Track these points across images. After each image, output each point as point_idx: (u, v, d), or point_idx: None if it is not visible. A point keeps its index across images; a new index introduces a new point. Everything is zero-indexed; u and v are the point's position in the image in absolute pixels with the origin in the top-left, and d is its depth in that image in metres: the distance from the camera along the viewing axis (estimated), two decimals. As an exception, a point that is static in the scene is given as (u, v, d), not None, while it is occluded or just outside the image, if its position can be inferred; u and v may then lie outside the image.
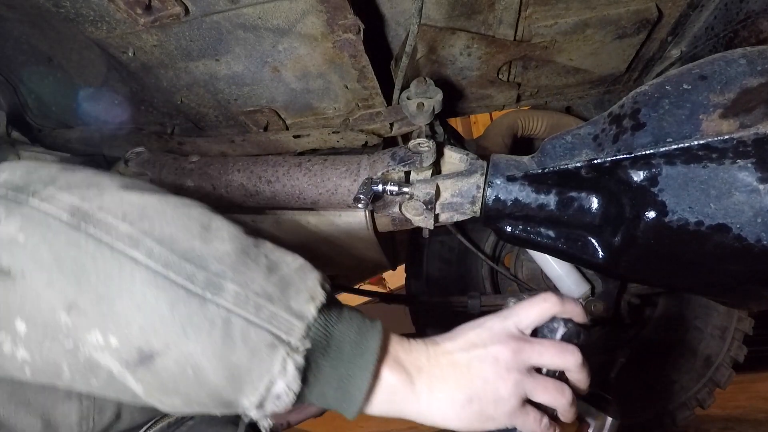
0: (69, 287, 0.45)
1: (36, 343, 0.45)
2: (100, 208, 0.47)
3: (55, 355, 0.45)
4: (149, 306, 0.45)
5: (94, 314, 0.45)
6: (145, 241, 0.46)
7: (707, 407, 1.33)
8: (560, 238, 0.87)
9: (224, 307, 0.46)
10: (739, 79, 0.68)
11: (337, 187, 0.94)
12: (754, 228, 0.66)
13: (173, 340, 0.45)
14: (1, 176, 0.50)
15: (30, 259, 0.45)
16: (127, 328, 0.45)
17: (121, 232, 0.46)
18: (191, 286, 0.45)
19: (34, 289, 0.45)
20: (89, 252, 0.45)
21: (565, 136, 0.83)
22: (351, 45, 0.86)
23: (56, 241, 0.45)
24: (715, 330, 1.33)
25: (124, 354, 0.45)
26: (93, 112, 1.13)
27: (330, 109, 1.06)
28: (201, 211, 0.52)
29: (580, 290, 1.24)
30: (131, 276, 0.45)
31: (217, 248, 0.49)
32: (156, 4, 0.75)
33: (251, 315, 0.46)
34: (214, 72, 0.93)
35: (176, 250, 0.47)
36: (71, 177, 0.51)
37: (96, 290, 0.45)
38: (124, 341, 0.45)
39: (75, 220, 0.46)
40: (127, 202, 0.49)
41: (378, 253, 1.11)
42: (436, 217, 0.93)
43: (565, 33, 0.95)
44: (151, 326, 0.44)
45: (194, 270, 0.46)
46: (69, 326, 0.45)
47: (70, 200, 0.47)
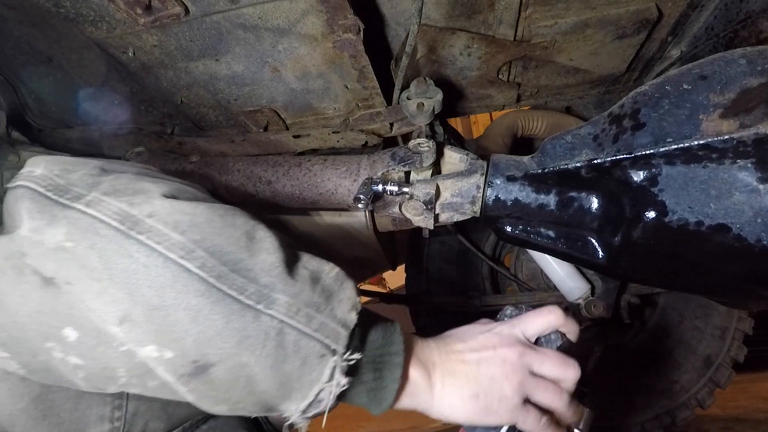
0: (121, 298, 0.43)
1: (89, 349, 0.45)
2: (150, 216, 0.46)
3: (109, 359, 0.45)
4: (204, 319, 0.44)
5: (148, 327, 0.44)
6: (198, 252, 0.46)
7: (707, 407, 1.33)
8: (560, 238, 0.87)
9: (278, 318, 0.47)
10: (739, 79, 0.68)
11: (337, 187, 0.94)
12: (754, 228, 0.66)
13: (228, 352, 0.45)
14: (36, 170, 0.48)
15: (78, 268, 0.44)
16: (182, 341, 0.44)
17: (174, 242, 0.45)
18: (244, 299, 0.46)
19: (83, 299, 0.43)
20: (141, 261, 0.44)
21: (565, 136, 0.83)
22: (351, 45, 0.86)
23: (107, 248, 0.44)
24: (715, 330, 1.33)
25: (178, 367, 0.45)
26: (93, 112, 1.13)
27: (330, 109, 1.06)
28: (245, 220, 0.52)
29: (580, 290, 1.24)
30: (186, 287, 0.44)
31: (264, 260, 0.49)
32: (156, 4, 0.75)
33: (303, 325, 0.47)
34: (214, 72, 0.93)
35: (227, 262, 0.47)
36: (115, 181, 0.49)
37: (150, 301, 0.44)
38: (180, 354, 0.44)
39: (125, 227, 0.45)
40: (177, 210, 0.48)
41: (378, 253, 1.11)
42: (436, 217, 0.93)
43: (565, 33, 0.95)
44: (206, 339, 0.44)
45: (245, 282, 0.47)
46: (122, 338, 0.44)
47: (119, 206, 0.46)
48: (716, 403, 1.34)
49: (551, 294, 1.34)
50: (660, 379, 1.34)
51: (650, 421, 1.32)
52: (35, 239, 0.44)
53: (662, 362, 1.35)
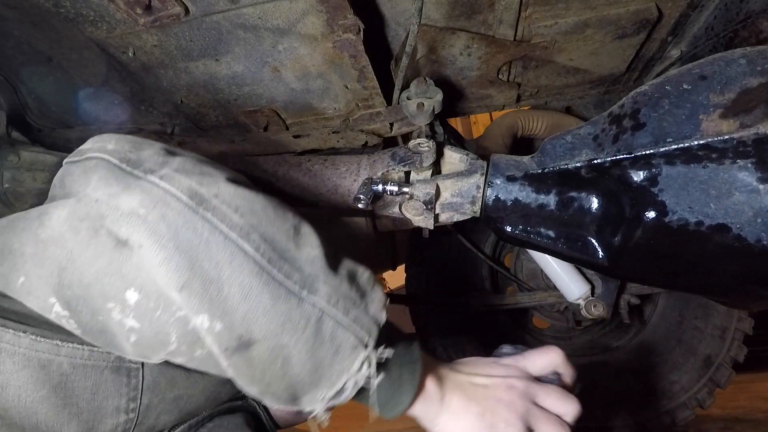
0: (184, 267, 0.46)
1: (146, 312, 0.47)
2: (215, 196, 0.49)
3: (164, 324, 0.47)
4: (254, 297, 0.47)
5: (203, 297, 0.46)
6: (254, 236, 0.49)
7: (707, 407, 1.33)
8: (560, 238, 0.87)
9: (318, 307, 0.50)
10: (739, 79, 0.68)
11: (337, 187, 0.94)
12: (754, 228, 0.66)
13: (272, 332, 0.48)
14: (108, 145, 0.52)
15: (149, 234, 0.46)
16: (233, 315, 0.47)
17: (234, 223, 0.48)
18: (290, 284, 0.49)
19: (150, 263, 0.46)
20: (204, 236, 0.47)
21: (565, 136, 0.83)
22: (351, 45, 0.86)
23: (175, 220, 0.47)
24: (715, 330, 1.33)
25: (225, 340, 0.47)
26: (93, 112, 1.13)
27: (330, 109, 1.06)
28: (293, 215, 0.55)
29: (580, 290, 1.24)
30: (241, 266, 0.47)
31: (308, 252, 0.52)
32: (156, 4, 0.75)
33: (341, 316, 0.51)
34: (214, 72, 0.93)
35: (277, 249, 0.50)
36: (183, 162, 0.52)
37: (208, 274, 0.47)
38: (228, 327, 0.47)
39: (193, 202, 0.48)
40: (239, 195, 0.51)
41: (378, 253, 1.11)
42: (436, 217, 0.93)
43: (565, 33, 0.95)
44: (253, 316, 0.47)
45: (291, 270, 0.50)
46: (179, 304, 0.46)
47: (189, 183, 0.49)
48: (716, 403, 1.34)
49: (551, 294, 1.34)
50: (660, 379, 1.34)
51: (650, 421, 1.32)
52: (112, 203, 0.47)
53: (662, 362, 1.35)
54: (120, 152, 0.51)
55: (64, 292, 0.47)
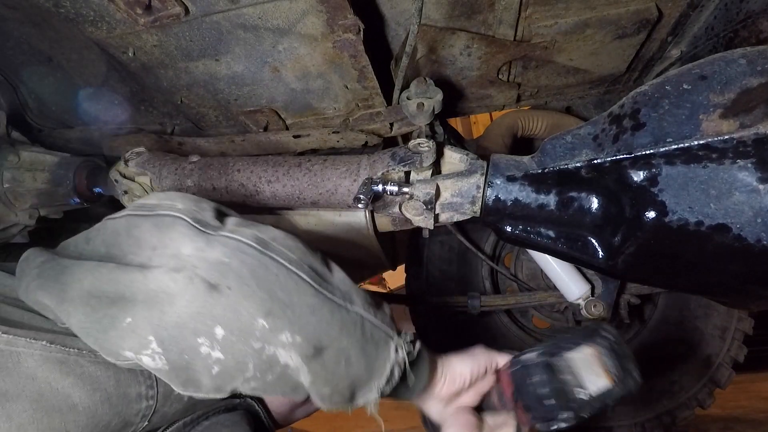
0: (265, 298, 0.57)
1: (230, 345, 0.56)
2: (273, 239, 0.62)
3: (244, 355, 0.57)
4: (319, 312, 0.59)
5: (284, 318, 0.57)
6: (305, 266, 0.62)
7: (707, 407, 1.33)
8: (560, 238, 0.87)
9: (359, 314, 0.63)
10: (739, 79, 0.68)
11: (337, 187, 0.94)
12: (754, 228, 0.66)
13: (335, 338, 0.60)
14: (178, 204, 0.63)
15: (235, 276, 0.57)
16: (307, 329, 0.58)
17: (291, 258, 0.61)
18: (336, 299, 0.62)
19: (236, 301, 0.56)
20: (274, 272, 0.59)
21: (565, 136, 0.83)
22: (351, 45, 0.86)
23: (252, 262, 0.58)
24: (715, 330, 1.33)
25: (305, 349, 0.58)
26: (93, 112, 1.13)
27: (330, 109, 1.05)
28: (317, 250, 0.68)
29: (580, 290, 1.24)
30: (304, 291, 0.60)
31: (338, 275, 0.66)
32: (156, 4, 0.75)
33: (373, 318, 0.64)
34: (214, 72, 0.93)
35: (320, 274, 0.63)
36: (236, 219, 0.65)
37: (282, 300, 0.58)
38: (306, 338, 0.58)
39: (261, 246, 0.60)
40: (286, 237, 0.64)
41: (378, 253, 1.11)
42: (436, 217, 0.93)
43: (565, 33, 0.95)
44: (321, 327, 0.59)
45: (333, 288, 0.63)
46: (265, 328, 0.57)
47: (252, 232, 0.61)
48: (716, 403, 1.34)
49: (551, 294, 1.34)
50: (660, 379, 1.34)
51: (650, 421, 1.32)
52: (201, 255, 0.57)
53: (662, 362, 1.35)
54: (190, 212, 0.62)
55: (160, 333, 0.55)
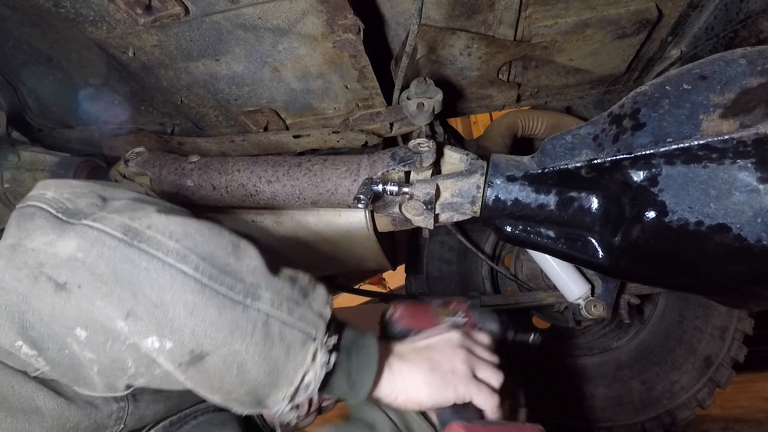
0: (126, 297, 0.50)
1: (99, 344, 0.51)
2: (149, 227, 0.54)
3: (118, 353, 0.51)
4: (200, 312, 0.51)
5: (150, 321, 0.50)
6: (191, 257, 0.53)
7: (707, 407, 1.33)
8: (560, 238, 0.87)
9: (263, 311, 0.54)
10: (739, 79, 0.68)
11: (337, 187, 0.94)
12: (754, 228, 0.66)
13: (222, 341, 0.51)
14: (47, 193, 0.55)
15: (88, 274, 0.50)
16: (181, 332, 0.51)
17: (170, 248, 0.53)
18: (233, 295, 0.53)
19: (90, 301, 0.50)
20: (142, 266, 0.51)
21: (565, 136, 0.83)
22: (351, 45, 0.86)
23: (112, 256, 0.51)
24: (715, 330, 1.33)
25: (177, 356, 0.51)
26: (93, 112, 1.13)
27: (330, 109, 1.05)
28: (230, 232, 0.60)
29: (580, 290, 1.24)
30: (182, 286, 0.51)
31: (248, 264, 0.57)
32: (156, 4, 0.75)
33: (286, 316, 0.55)
34: (214, 72, 0.93)
35: (216, 265, 0.54)
36: (117, 203, 0.57)
37: (151, 300, 0.50)
38: (178, 344, 0.51)
39: (128, 237, 0.52)
40: (172, 222, 0.55)
41: (378, 253, 1.11)
42: (436, 217, 0.93)
43: (565, 33, 0.95)
44: (202, 330, 0.51)
45: (233, 281, 0.54)
46: (126, 332, 0.50)
47: (121, 220, 0.53)
48: (716, 403, 1.34)
49: (551, 294, 1.34)
50: (660, 379, 1.34)
51: (650, 421, 1.32)
52: (50, 251, 0.50)
53: (662, 362, 1.35)
54: (57, 201, 0.54)
55: (28, 333, 0.51)
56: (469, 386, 0.65)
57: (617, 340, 1.43)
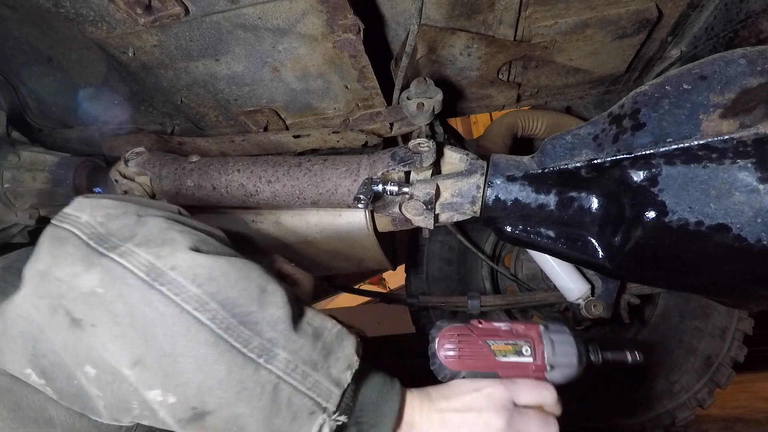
0: (138, 343, 0.48)
1: (106, 384, 0.50)
2: (172, 268, 0.51)
3: (124, 394, 0.50)
4: (209, 367, 0.48)
5: (157, 372, 0.48)
6: (211, 305, 0.50)
7: (707, 407, 1.33)
8: (560, 239, 0.87)
9: (275, 374, 0.50)
10: (739, 79, 0.68)
11: (337, 187, 0.94)
12: (754, 228, 0.66)
13: (226, 402, 0.49)
14: (83, 217, 0.54)
15: (105, 312, 0.49)
16: (186, 388, 0.48)
17: (191, 294, 0.50)
18: (247, 351, 0.50)
19: (102, 341, 0.49)
20: (160, 310, 0.49)
21: (565, 136, 0.83)
22: (351, 45, 0.86)
23: (132, 297, 0.49)
24: (715, 330, 1.33)
25: (178, 412, 0.49)
26: (93, 112, 1.13)
27: (330, 109, 1.05)
28: (259, 274, 0.56)
29: (580, 290, 1.24)
30: (196, 337, 0.49)
31: (272, 314, 0.53)
32: (156, 4, 0.75)
33: (298, 383, 0.51)
34: (214, 72, 0.93)
35: (236, 314, 0.51)
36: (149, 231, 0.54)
37: (162, 348, 0.48)
38: (181, 400, 0.49)
39: (150, 278, 0.50)
40: (197, 264, 0.52)
41: (378, 253, 1.11)
42: (436, 217, 0.93)
43: (565, 33, 0.95)
44: (208, 387, 0.49)
45: (250, 336, 0.51)
46: (132, 380, 0.49)
47: (147, 258, 0.51)
48: (716, 403, 1.34)
49: (551, 294, 1.34)
50: (660, 379, 1.34)
51: (650, 421, 1.32)
52: (73, 283, 0.49)
53: (662, 362, 1.35)
54: (90, 226, 0.53)
55: (39, 362, 0.50)
56: None
57: (617, 340, 1.43)
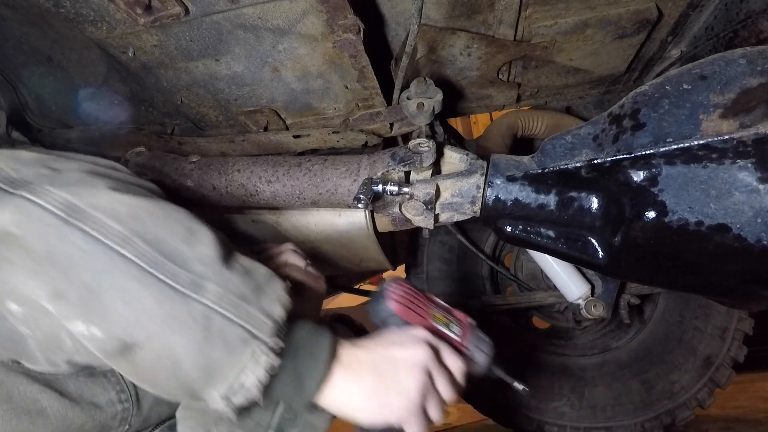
0: (57, 278, 0.48)
1: (32, 319, 0.49)
2: (92, 206, 0.51)
3: (52, 329, 0.49)
4: (135, 300, 0.48)
5: (78, 305, 0.48)
6: (135, 241, 0.50)
7: (707, 407, 1.33)
8: (560, 239, 0.87)
9: (206, 305, 0.50)
10: (739, 79, 0.68)
11: (337, 187, 0.94)
12: (754, 228, 0.66)
13: (156, 333, 0.49)
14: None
15: (22, 251, 0.48)
16: (111, 320, 0.48)
17: (112, 231, 0.50)
18: (176, 285, 0.50)
19: (19, 276, 0.48)
20: (80, 247, 0.48)
21: (565, 136, 0.83)
22: (351, 45, 0.86)
23: (49, 235, 0.48)
24: (715, 330, 1.33)
25: (106, 345, 0.49)
26: (93, 112, 1.13)
27: (330, 109, 1.05)
28: (187, 216, 0.57)
29: (580, 290, 1.24)
30: (120, 271, 0.49)
31: (201, 252, 0.53)
32: (156, 4, 0.75)
33: (230, 313, 0.51)
34: (214, 72, 0.93)
35: (163, 251, 0.51)
36: (68, 175, 0.54)
37: (83, 282, 0.48)
38: (108, 332, 0.48)
39: (67, 215, 0.49)
40: (119, 202, 0.53)
41: (378, 253, 1.11)
42: (436, 217, 0.93)
43: (565, 33, 0.95)
44: (135, 319, 0.48)
45: (178, 270, 0.51)
46: (55, 314, 0.48)
47: (63, 195, 0.50)
48: (716, 403, 1.34)
49: (551, 294, 1.34)
50: (660, 379, 1.34)
51: (650, 421, 1.32)
52: None
53: (662, 362, 1.35)
54: (3, 171, 0.52)
55: None
56: (411, 418, 0.58)
57: (617, 340, 1.43)
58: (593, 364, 1.40)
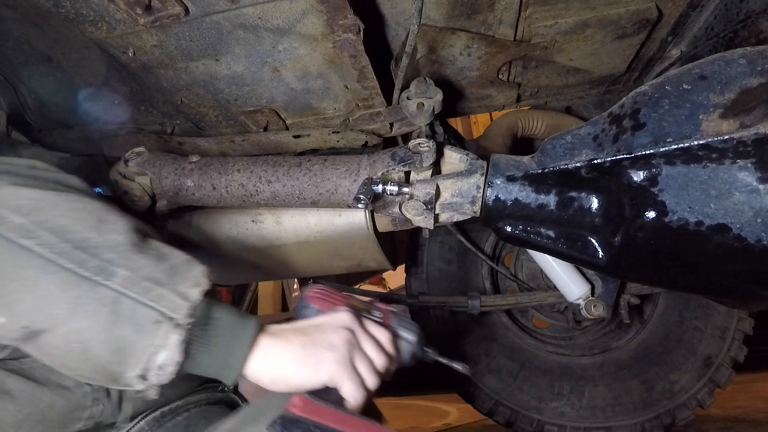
0: None
1: None
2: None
3: None
4: (38, 288, 0.51)
5: None
6: (38, 232, 0.52)
7: (707, 407, 1.33)
8: (560, 238, 0.87)
9: (114, 289, 0.52)
10: (739, 79, 0.68)
11: (337, 187, 0.94)
12: (754, 228, 0.66)
13: (60, 319, 0.51)
14: None
15: None
16: (14, 308, 0.51)
17: (13, 223, 0.52)
18: (83, 271, 0.52)
19: None
20: None
21: (565, 136, 0.83)
22: (351, 45, 0.86)
23: None
24: (715, 330, 1.33)
25: (11, 332, 0.51)
26: (93, 112, 1.13)
27: (330, 109, 1.05)
28: (99, 206, 0.59)
29: (580, 290, 1.24)
30: (21, 262, 0.51)
31: (111, 239, 0.56)
32: (156, 4, 0.75)
33: (138, 296, 0.53)
34: (214, 72, 0.93)
35: (70, 240, 0.53)
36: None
37: None
38: (11, 320, 0.51)
39: None
40: (21, 197, 0.55)
41: (378, 253, 1.11)
42: (436, 217, 0.93)
43: (565, 33, 0.95)
44: (38, 307, 0.51)
45: (86, 257, 0.53)
46: None
47: None
48: (716, 403, 1.34)
49: (551, 294, 1.33)
50: (660, 379, 1.34)
51: (650, 421, 1.32)
52: None
53: (662, 362, 1.35)
54: None
55: None
56: (341, 370, 0.59)
57: (617, 340, 1.43)
58: (593, 364, 1.40)
